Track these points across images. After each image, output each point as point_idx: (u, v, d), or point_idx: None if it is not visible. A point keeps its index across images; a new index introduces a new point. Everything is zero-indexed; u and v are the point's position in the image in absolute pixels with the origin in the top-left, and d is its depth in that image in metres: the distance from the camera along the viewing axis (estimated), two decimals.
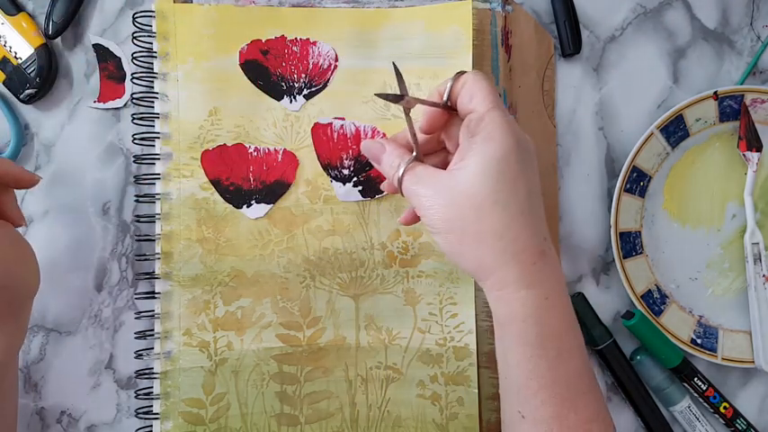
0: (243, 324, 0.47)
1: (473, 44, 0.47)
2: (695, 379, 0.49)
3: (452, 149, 0.39)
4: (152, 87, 0.47)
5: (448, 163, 0.38)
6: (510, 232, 0.34)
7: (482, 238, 0.34)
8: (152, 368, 0.46)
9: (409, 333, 0.48)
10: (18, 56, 0.47)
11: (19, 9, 0.47)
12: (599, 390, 0.36)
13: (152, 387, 0.46)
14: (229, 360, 0.47)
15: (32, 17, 0.48)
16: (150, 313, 0.47)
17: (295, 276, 0.47)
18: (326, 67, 0.48)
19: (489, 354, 0.48)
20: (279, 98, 0.48)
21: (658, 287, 0.50)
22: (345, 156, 0.48)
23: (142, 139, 0.47)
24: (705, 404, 0.50)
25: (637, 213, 0.50)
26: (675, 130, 0.50)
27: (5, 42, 0.47)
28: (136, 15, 0.47)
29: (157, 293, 0.46)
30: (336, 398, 0.47)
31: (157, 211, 0.47)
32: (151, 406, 0.46)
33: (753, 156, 0.50)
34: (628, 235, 0.50)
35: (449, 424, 0.47)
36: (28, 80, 0.47)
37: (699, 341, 0.50)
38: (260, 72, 0.48)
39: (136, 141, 0.47)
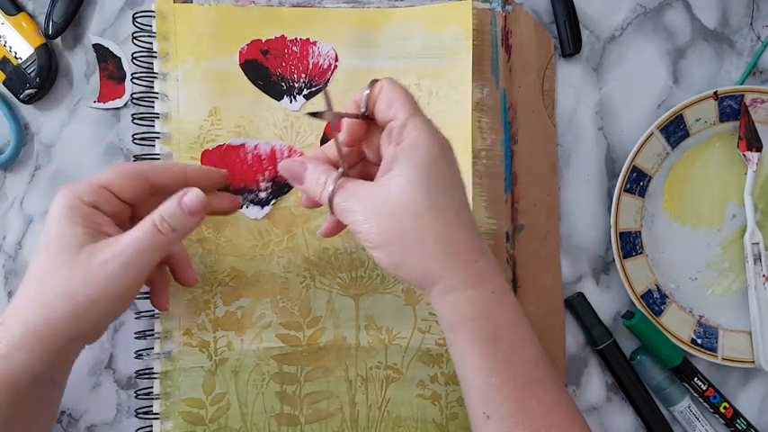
0: (243, 324, 0.47)
1: (473, 44, 0.47)
2: (695, 379, 0.49)
3: (373, 159, 0.39)
4: (152, 87, 0.47)
5: (369, 174, 0.37)
6: (450, 235, 0.34)
7: (424, 245, 0.34)
8: (152, 368, 0.46)
9: (409, 333, 0.48)
10: (18, 56, 0.47)
11: (19, 9, 0.47)
12: (556, 374, 0.36)
13: (152, 387, 0.46)
14: (229, 360, 0.47)
15: (32, 17, 0.48)
16: (150, 313, 0.46)
17: (295, 276, 0.47)
18: (326, 67, 0.48)
19: None
20: (279, 98, 0.48)
21: (658, 287, 0.50)
22: (262, 178, 0.47)
23: (142, 139, 0.47)
24: (705, 404, 0.50)
25: (637, 213, 0.50)
26: (675, 130, 0.50)
27: (5, 42, 0.47)
28: (136, 15, 0.47)
29: None
30: (336, 398, 0.47)
31: None
32: (151, 406, 0.46)
33: (753, 156, 0.50)
34: (628, 235, 0.50)
35: (449, 424, 0.47)
36: (28, 80, 0.47)
37: (699, 341, 0.50)
38: (260, 72, 0.48)
39: (136, 141, 0.47)
